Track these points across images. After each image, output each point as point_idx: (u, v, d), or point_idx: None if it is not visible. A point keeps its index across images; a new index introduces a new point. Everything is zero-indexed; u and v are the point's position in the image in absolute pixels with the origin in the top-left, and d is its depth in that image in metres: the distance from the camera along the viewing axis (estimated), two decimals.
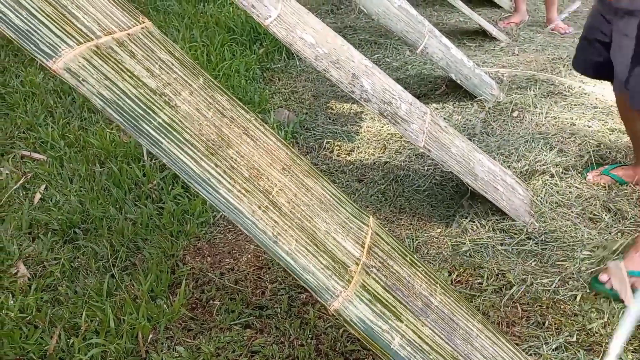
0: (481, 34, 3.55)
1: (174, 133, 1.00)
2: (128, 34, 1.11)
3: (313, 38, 1.74)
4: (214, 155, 1.03)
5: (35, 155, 2.44)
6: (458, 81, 2.60)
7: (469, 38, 3.56)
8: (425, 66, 3.18)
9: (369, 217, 1.23)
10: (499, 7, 4.06)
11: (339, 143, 2.53)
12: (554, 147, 2.27)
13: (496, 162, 2.07)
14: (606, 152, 2.22)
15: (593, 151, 2.21)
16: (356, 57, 1.87)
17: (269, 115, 2.66)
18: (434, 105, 2.76)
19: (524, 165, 2.19)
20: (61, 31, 0.98)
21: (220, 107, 1.15)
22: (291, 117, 2.72)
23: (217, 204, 0.99)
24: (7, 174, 2.31)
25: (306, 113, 2.81)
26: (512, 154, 2.27)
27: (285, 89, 3.07)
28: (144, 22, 1.17)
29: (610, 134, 2.33)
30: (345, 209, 1.20)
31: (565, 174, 2.12)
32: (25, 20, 0.95)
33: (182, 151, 1.00)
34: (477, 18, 3.44)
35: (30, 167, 2.32)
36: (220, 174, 1.01)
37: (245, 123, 1.17)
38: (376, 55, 3.41)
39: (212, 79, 1.22)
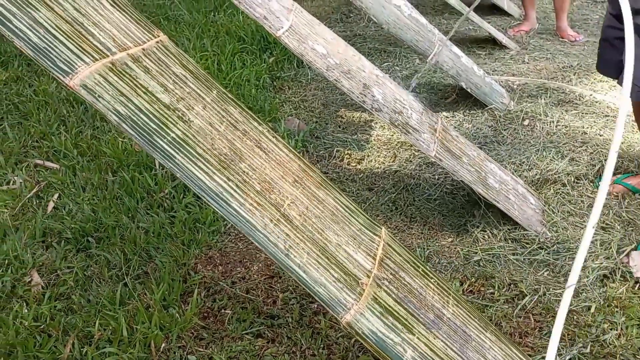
0: (491, 42, 3.55)
1: (187, 148, 1.02)
2: (143, 49, 1.13)
3: (324, 49, 1.76)
4: (226, 169, 1.04)
5: (49, 164, 2.47)
6: (468, 90, 2.60)
7: (479, 46, 3.56)
8: (435, 75, 3.18)
9: (380, 228, 1.24)
10: (508, 15, 4.05)
11: (349, 152, 2.54)
12: (566, 156, 2.26)
13: (507, 171, 2.07)
14: (618, 161, 2.20)
15: (605, 160, 2.20)
16: (367, 67, 1.88)
17: (280, 124, 2.68)
18: (445, 113, 2.76)
19: (536, 174, 2.19)
20: (77, 48, 1.00)
21: (233, 120, 1.17)
22: (301, 125, 2.73)
23: (230, 218, 1.00)
24: (20, 182, 2.33)
25: (316, 121, 2.82)
26: (523, 162, 2.27)
27: (295, 97, 3.09)
28: (158, 36, 1.19)
29: (622, 143, 2.32)
30: (357, 220, 1.20)
31: (577, 183, 2.11)
32: (43, 38, 0.96)
33: (196, 165, 1.01)
34: (487, 26, 3.44)
35: (44, 176, 2.34)
36: (232, 188, 1.02)
37: (257, 135, 1.18)
38: (386, 64, 3.42)
39: (225, 91, 1.23)
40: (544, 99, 2.75)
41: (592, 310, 1.59)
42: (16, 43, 0.96)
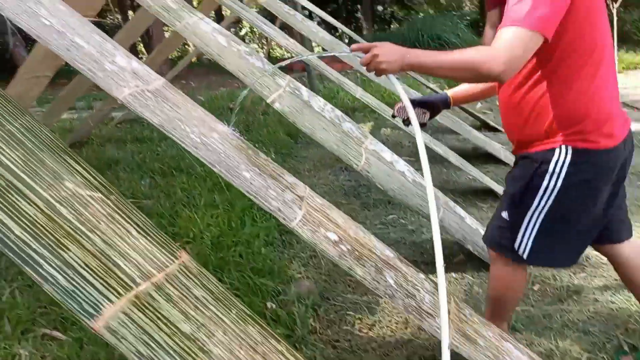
0: (491, 194, 3.65)
1: None
2: (166, 274, 1.16)
3: (336, 234, 1.80)
4: None
5: (56, 334, 2.43)
6: (475, 253, 2.63)
7: (480, 198, 3.66)
8: (441, 232, 3.23)
9: None
10: (505, 163, 4.21)
11: (360, 316, 2.51)
12: (579, 329, 2.22)
13: (524, 349, 2.02)
14: (636, 333, 2.16)
15: (621, 334, 2.16)
16: (378, 248, 1.91)
17: (289, 287, 2.68)
18: (453, 274, 2.76)
19: (550, 348, 2.13)
20: (104, 286, 1.03)
21: (252, 342, 1.17)
22: (311, 288, 2.73)
23: None
24: (26, 355, 2.28)
25: (325, 280, 2.82)
26: (538, 333, 2.23)
27: (303, 252, 3.12)
28: (180, 257, 1.23)
29: (637, 312, 2.29)
30: None
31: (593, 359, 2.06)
32: (72, 280, 1.00)
33: None
34: (487, 180, 3.56)
35: (49, 350, 2.30)
36: None
37: (276, 356, 1.18)
38: (391, 216, 3.49)
39: (244, 308, 1.24)
40: None
41: None
42: (45, 288, 0.99)
